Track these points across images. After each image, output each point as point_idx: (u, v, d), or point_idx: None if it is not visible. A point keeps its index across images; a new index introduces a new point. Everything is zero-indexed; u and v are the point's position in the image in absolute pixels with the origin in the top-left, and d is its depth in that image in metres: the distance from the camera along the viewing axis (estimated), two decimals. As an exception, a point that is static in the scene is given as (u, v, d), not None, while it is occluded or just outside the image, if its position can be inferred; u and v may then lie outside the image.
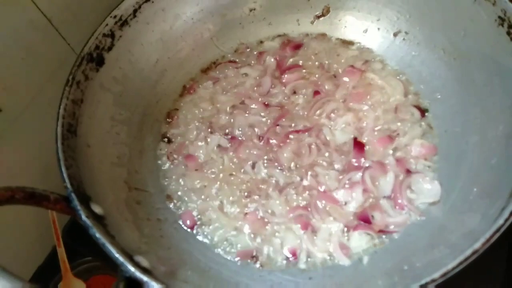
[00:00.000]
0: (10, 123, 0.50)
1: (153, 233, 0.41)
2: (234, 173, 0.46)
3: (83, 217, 0.32)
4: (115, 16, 0.46)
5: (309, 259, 0.40)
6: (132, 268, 0.29)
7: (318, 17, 0.55)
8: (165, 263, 0.37)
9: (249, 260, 0.41)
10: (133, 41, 0.49)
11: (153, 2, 0.49)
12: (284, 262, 0.40)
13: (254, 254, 0.41)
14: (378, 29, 0.52)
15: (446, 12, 0.45)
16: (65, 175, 0.35)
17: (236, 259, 0.41)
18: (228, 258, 0.41)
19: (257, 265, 0.40)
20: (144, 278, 0.28)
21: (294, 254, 0.40)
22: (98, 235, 0.31)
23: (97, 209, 0.35)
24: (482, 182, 0.35)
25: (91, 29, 0.49)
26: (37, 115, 0.53)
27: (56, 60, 0.54)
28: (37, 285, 0.26)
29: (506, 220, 0.26)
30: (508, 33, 0.37)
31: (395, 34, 0.51)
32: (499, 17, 0.38)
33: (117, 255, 0.30)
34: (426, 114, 0.46)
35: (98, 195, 0.38)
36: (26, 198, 0.32)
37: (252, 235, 0.42)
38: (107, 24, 0.46)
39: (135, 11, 0.48)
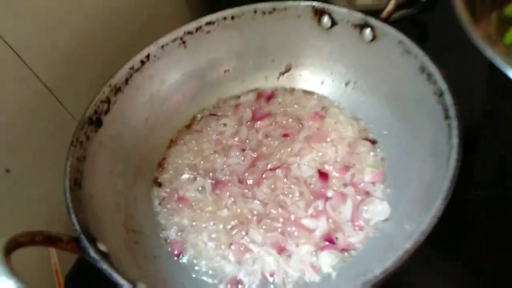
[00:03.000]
0: (16, 182, 0.55)
1: (150, 268, 0.47)
2: (219, 210, 0.53)
3: (92, 253, 0.38)
4: (110, 85, 0.54)
5: (285, 279, 0.46)
6: (135, 291, 0.35)
7: (282, 73, 0.64)
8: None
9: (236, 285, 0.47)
10: (126, 104, 0.56)
11: (141, 71, 0.57)
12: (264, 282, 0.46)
13: (239, 279, 0.47)
14: (332, 80, 0.61)
15: (382, 65, 0.54)
16: (74, 220, 0.41)
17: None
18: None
19: (243, 289, 0.47)
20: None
21: (272, 275, 0.46)
22: (105, 266, 0.37)
23: (102, 247, 0.41)
24: (417, 196, 0.43)
25: (85, 95, 0.55)
26: (40, 173, 0.58)
27: (56, 123, 0.59)
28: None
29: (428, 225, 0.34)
30: (428, 79, 0.47)
31: (346, 84, 0.60)
32: (420, 66, 0.48)
33: (122, 281, 0.36)
34: (376, 144, 0.54)
35: (101, 237, 0.44)
36: (44, 240, 0.38)
37: (237, 263, 0.48)
38: (104, 92, 0.53)
39: (127, 79, 0.56)
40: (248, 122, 0.62)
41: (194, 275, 0.48)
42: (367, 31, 0.53)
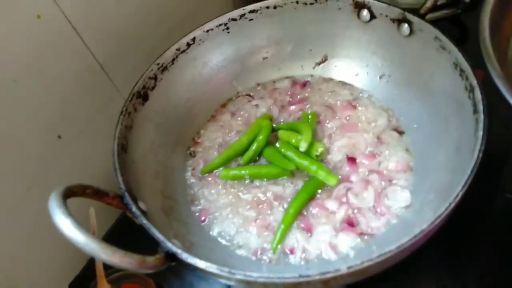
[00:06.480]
0: (67, 147, 0.61)
1: (182, 231, 0.51)
2: (244, 189, 0.56)
3: (134, 209, 0.43)
4: (158, 63, 0.58)
5: (303, 255, 0.49)
6: (169, 244, 0.39)
7: (318, 64, 0.67)
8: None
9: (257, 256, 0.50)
10: (170, 82, 0.60)
11: (187, 53, 0.61)
12: (283, 257, 0.49)
13: (260, 252, 0.50)
14: (367, 73, 0.63)
15: (417, 59, 0.55)
16: (120, 180, 0.46)
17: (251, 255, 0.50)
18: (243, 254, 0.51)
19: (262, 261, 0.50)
20: (179, 251, 0.39)
21: (292, 251, 0.49)
22: (145, 221, 0.42)
23: (142, 206, 0.46)
24: (438, 186, 0.45)
25: (131, 74, 0.59)
26: (87, 140, 0.64)
27: (104, 97, 0.65)
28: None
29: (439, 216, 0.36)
30: (460, 75, 0.48)
31: (380, 77, 0.61)
32: (454, 62, 0.49)
33: (159, 235, 0.40)
34: (403, 135, 0.56)
35: (142, 199, 0.49)
36: (93, 193, 0.43)
37: (259, 236, 0.51)
38: (152, 69, 0.58)
39: (173, 59, 0.60)
40: (282, 106, 0.65)
41: (222, 243, 0.52)
42: (405, 26, 0.55)
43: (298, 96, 0.65)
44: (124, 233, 0.67)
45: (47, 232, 0.60)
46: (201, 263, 0.37)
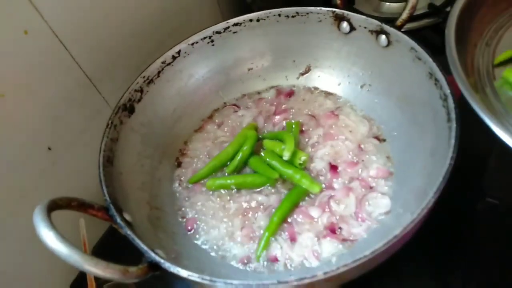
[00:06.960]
0: (56, 158, 0.61)
1: (168, 241, 0.52)
2: (230, 198, 0.57)
3: (118, 220, 0.44)
4: (143, 76, 0.60)
5: (287, 263, 0.50)
6: (153, 254, 0.40)
7: (302, 74, 0.68)
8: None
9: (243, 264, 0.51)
10: (156, 94, 0.62)
11: (173, 65, 0.63)
12: (267, 264, 0.50)
13: (246, 260, 0.51)
14: (349, 82, 0.65)
15: (395, 69, 0.57)
16: (105, 191, 0.47)
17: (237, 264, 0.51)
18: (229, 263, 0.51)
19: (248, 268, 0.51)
20: (162, 260, 0.39)
21: (276, 259, 0.50)
22: (129, 232, 0.42)
23: (127, 217, 0.47)
24: (416, 191, 0.46)
25: (120, 86, 0.60)
26: (77, 152, 0.64)
27: (93, 109, 0.66)
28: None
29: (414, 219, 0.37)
30: (435, 84, 0.50)
31: (361, 86, 0.63)
32: (429, 72, 0.51)
33: (142, 245, 0.41)
34: (384, 142, 0.58)
35: (128, 210, 0.49)
36: (79, 206, 0.43)
37: (245, 245, 0.52)
38: (137, 82, 0.59)
39: (159, 72, 0.61)
40: (268, 116, 0.66)
41: (208, 252, 0.53)
42: (383, 37, 0.57)
43: (283, 106, 0.67)
44: (115, 243, 0.68)
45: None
46: (183, 272, 0.38)
